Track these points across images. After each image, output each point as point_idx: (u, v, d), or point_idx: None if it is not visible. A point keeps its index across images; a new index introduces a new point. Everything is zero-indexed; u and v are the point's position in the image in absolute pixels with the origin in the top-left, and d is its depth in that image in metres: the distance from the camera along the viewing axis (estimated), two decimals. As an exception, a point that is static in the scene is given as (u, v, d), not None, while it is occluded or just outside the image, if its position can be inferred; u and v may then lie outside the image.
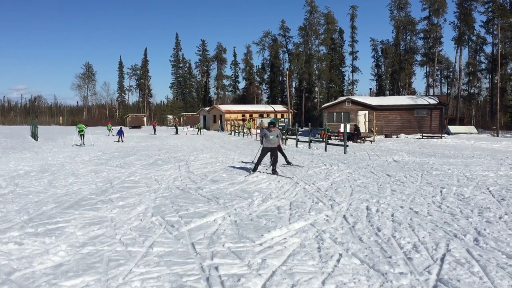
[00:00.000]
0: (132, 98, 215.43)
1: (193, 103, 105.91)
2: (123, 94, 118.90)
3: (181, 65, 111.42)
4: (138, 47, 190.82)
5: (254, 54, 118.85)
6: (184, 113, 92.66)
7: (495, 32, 59.95)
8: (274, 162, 14.00)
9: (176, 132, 53.67)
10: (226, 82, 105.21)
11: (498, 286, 4.49)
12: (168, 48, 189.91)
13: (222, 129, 62.27)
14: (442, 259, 5.38)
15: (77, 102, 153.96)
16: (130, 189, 11.17)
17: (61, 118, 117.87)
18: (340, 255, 5.57)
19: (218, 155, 21.77)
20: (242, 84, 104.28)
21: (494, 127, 50.05)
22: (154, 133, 53.48)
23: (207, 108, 75.55)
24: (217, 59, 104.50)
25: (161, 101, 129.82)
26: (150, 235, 6.59)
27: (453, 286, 4.49)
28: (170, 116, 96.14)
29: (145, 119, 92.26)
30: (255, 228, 6.95)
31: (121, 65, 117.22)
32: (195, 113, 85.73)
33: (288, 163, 16.56)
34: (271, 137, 13.96)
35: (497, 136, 44.85)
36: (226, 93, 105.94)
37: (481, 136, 43.62)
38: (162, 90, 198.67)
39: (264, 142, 14.07)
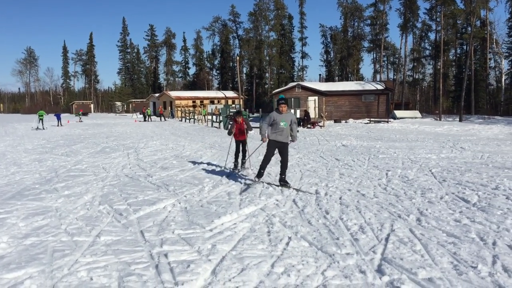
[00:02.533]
0: (78, 84, 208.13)
1: (142, 89, 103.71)
2: (68, 80, 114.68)
3: (129, 50, 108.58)
4: (83, 31, 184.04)
5: (204, 39, 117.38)
6: (133, 100, 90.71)
7: (438, 19, 62.04)
8: (283, 166, 9.22)
9: (145, 119, 52.03)
10: (176, 68, 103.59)
11: (438, 263, 4.69)
12: (115, 32, 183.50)
13: (173, 116, 61.48)
14: (387, 239, 5.56)
15: (19, 88, 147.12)
16: (76, 178, 10.84)
17: (1, 105, 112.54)
18: (289, 238, 5.65)
19: (169, 142, 21.49)
20: (192, 70, 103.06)
21: (437, 112, 52.00)
22: (164, 119, 52.07)
23: (156, 95, 74.25)
24: (166, 45, 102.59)
25: (108, 87, 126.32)
26: (97, 224, 6.44)
27: (396, 265, 4.65)
28: (119, 103, 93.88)
29: (92, 106, 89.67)
30: (206, 214, 6.93)
31: (65, 50, 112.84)
32: (145, 100, 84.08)
33: (242, 165, 12.19)
34: (282, 124, 9.00)
35: (440, 120, 46.63)
36: (176, 79, 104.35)
37: (425, 120, 45.22)
38: (109, 76, 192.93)
39: (271, 133, 9.18)
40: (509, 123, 38.79)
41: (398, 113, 48.74)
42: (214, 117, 39.32)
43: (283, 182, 9.15)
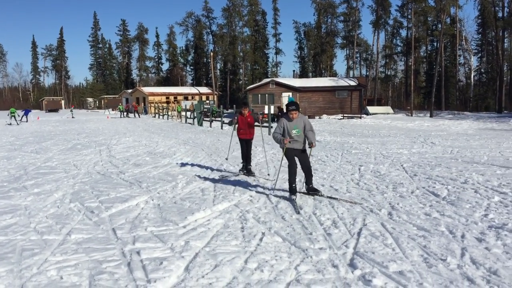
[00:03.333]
0: (48, 80, 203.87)
1: (114, 85, 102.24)
2: (37, 76, 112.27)
3: (100, 45, 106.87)
4: (53, 26, 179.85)
5: (177, 35, 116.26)
6: (105, 96, 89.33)
7: (409, 17, 62.90)
8: (306, 174, 7.90)
9: (133, 115, 51.01)
10: (149, 63, 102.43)
11: (409, 256, 4.77)
12: (86, 27, 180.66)
13: (146, 112, 60.84)
14: (359, 233, 5.63)
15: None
16: (47, 175, 10.62)
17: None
18: (263, 234, 5.65)
19: (142, 138, 21.27)
20: (165, 66, 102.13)
21: (409, 107, 52.89)
22: (138, 116, 50.99)
23: (129, 91, 73.32)
24: (139, 40, 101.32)
25: (80, 83, 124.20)
26: (68, 222, 6.32)
27: (368, 258, 4.71)
28: (90, 99, 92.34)
29: (62, 102, 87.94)
30: (179, 211, 6.88)
31: (34, 45, 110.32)
32: (117, 96, 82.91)
33: (249, 171, 10.49)
34: (294, 131, 7.63)
35: (411, 115, 47.42)
36: (149, 75, 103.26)
37: (397, 116, 45.92)
38: (80, 72, 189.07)
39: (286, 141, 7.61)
40: (478, 119, 39.72)
41: (370, 109, 49.38)
42: (189, 113, 39.06)
43: (313, 191, 7.94)
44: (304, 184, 7.99)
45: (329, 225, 6.04)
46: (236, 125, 10.60)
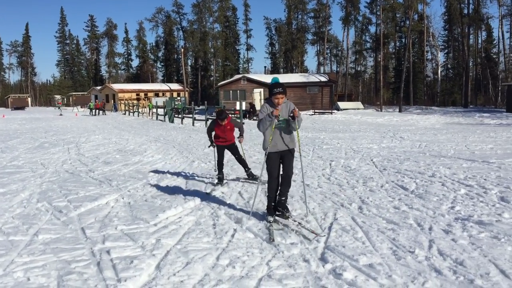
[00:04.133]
0: (14, 77, 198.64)
1: (83, 82, 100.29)
2: (2, 73, 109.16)
3: (68, 41, 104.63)
4: (18, 21, 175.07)
5: (147, 31, 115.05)
6: (74, 93, 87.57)
7: (378, 13, 63.79)
8: (285, 184, 6.14)
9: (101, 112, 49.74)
10: (118, 60, 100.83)
11: (379, 249, 4.85)
12: (53, 23, 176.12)
13: (116, 109, 59.97)
14: (330, 228, 5.68)
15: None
16: (12, 174, 10.35)
17: None
18: (235, 230, 5.65)
19: (111, 136, 20.96)
20: (135, 62, 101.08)
21: (378, 103, 53.67)
22: (103, 114, 49.63)
23: (98, 87, 72.09)
24: (108, 36, 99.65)
25: (47, 80, 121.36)
26: (35, 222, 6.17)
27: (339, 252, 4.76)
28: (58, 96, 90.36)
29: (29, 99, 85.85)
30: (150, 209, 6.81)
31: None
32: (86, 93, 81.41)
33: (251, 176, 9.13)
34: (278, 122, 5.90)
35: (381, 111, 48.14)
36: (119, 71, 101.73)
37: (367, 111, 46.53)
38: (47, 69, 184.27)
39: (268, 138, 5.91)
40: (445, 113, 40.60)
41: (341, 104, 49.87)
42: (160, 110, 38.69)
43: (282, 208, 6.09)
44: (277, 195, 6.14)
45: (300, 220, 6.08)
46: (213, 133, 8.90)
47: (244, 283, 4.04)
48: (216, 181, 8.88)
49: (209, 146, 9.22)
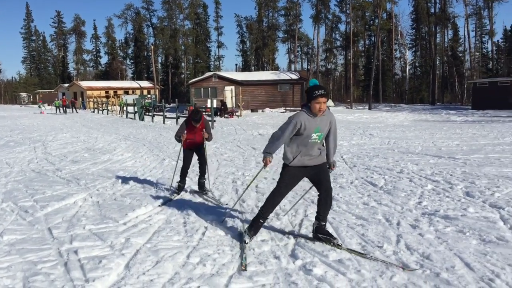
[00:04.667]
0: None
1: (49, 79, 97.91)
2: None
3: (34, 38, 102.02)
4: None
5: (116, 27, 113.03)
6: (40, 90, 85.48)
7: (347, 11, 64.49)
8: (325, 206, 5.11)
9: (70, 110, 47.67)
10: (86, 57, 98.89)
11: (348, 245, 4.91)
12: (18, 19, 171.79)
13: (84, 107, 58.90)
14: (300, 224, 5.73)
15: None
16: (-24, 174, 10.05)
17: None
18: (206, 228, 5.63)
19: (80, 134, 20.57)
20: (104, 59, 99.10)
21: (348, 100, 54.35)
22: (65, 112, 47.44)
23: (66, 85, 70.57)
24: (76, 32, 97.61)
25: (12, 77, 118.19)
26: (-1, 223, 6.01)
27: (309, 248, 4.80)
28: (24, 94, 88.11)
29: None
30: (119, 208, 6.71)
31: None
32: (53, 90, 79.57)
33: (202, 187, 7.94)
34: (315, 135, 4.84)
35: (351, 108, 48.76)
36: (87, 68, 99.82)
37: (337, 108, 47.01)
38: (13, 65, 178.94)
39: (294, 153, 4.90)
40: (413, 111, 41.41)
41: (312, 102, 50.09)
42: (130, 107, 38.16)
43: (327, 235, 5.01)
44: (315, 221, 5.12)
45: (271, 217, 6.09)
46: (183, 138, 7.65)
47: (214, 281, 4.03)
48: (174, 189, 7.85)
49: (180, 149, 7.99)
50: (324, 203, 5.05)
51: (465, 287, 3.80)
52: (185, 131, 7.58)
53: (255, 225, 5.14)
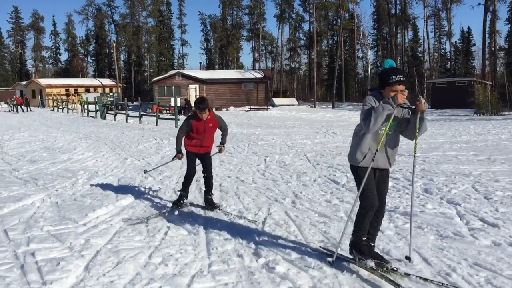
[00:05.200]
0: None
1: (6, 76, 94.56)
2: None
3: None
4: None
5: (76, 24, 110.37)
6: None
7: (311, 11, 65.10)
8: (375, 224, 4.30)
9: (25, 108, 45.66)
10: (45, 53, 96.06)
11: (311, 243, 4.95)
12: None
13: (43, 105, 57.29)
14: (264, 223, 5.74)
15: None
16: None
17: None
18: (168, 228, 5.56)
19: (38, 133, 19.99)
20: (64, 56, 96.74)
21: (312, 99, 54.89)
22: (23, 110, 45.05)
23: (24, 82, 68.39)
24: (34, 28, 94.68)
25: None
26: (-49, 226, 5.77)
27: (271, 247, 4.79)
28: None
29: None
30: (79, 208, 6.55)
31: None
32: (10, 88, 76.99)
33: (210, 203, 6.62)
34: (388, 124, 4.08)
35: (315, 107, 49.26)
36: (47, 65, 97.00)
37: (301, 107, 47.44)
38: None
39: (365, 148, 4.17)
40: (375, 110, 42.15)
41: (276, 100, 50.52)
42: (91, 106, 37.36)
43: (377, 259, 4.09)
44: (359, 238, 4.18)
45: (235, 216, 6.09)
46: (184, 135, 6.43)
47: (176, 281, 3.98)
48: (176, 200, 6.66)
49: (173, 158, 6.71)
50: (376, 219, 4.20)
51: (423, 281, 3.89)
52: (190, 132, 6.23)
53: (362, 247, 4.12)
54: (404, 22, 62.77)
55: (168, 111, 37.07)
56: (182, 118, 30.92)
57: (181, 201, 6.54)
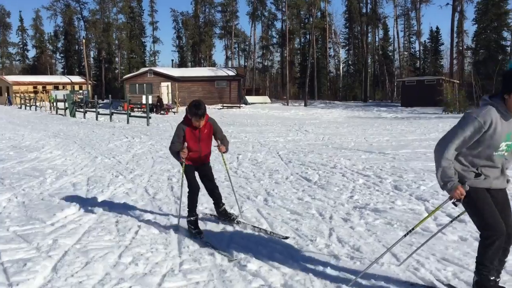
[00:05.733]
0: None
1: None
2: None
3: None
4: None
5: (44, 20, 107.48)
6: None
7: (283, 9, 65.29)
8: (503, 257, 3.47)
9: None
10: (12, 50, 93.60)
11: (282, 239, 4.97)
12: None
13: (10, 103, 55.84)
14: (236, 221, 5.72)
15: None
16: None
17: None
18: (139, 227, 5.50)
19: (5, 131, 19.48)
20: (32, 53, 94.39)
21: (285, 97, 55.09)
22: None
23: (-10, 79, 66.52)
24: (0, 24, 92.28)
25: None
26: None
27: (243, 244, 4.80)
28: None
29: None
30: (47, 208, 6.40)
31: None
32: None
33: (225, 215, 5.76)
34: (503, 146, 3.21)
35: (287, 105, 49.43)
36: (14, 62, 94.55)
37: (274, 105, 47.55)
38: None
39: (472, 170, 3.31)
40: (347, 107, 42.65)
41: (249, 98, 50.50)
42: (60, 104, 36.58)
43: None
44: (486, 274, 3.39)
45: (207, 214, 6.06)
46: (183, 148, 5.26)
47: (147, 280, 3.93)
48: (189, 228, 5.31)
49: (182, 163, 5.43)
50: (504, 250, 3.44)
51: (392, 276, 3.94)
52: (185, 141, 5.27)
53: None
54: (374, 21, 63.61)
55: (139, 109, 36.60)
56: (153, 115, 30.65)
57: (195, 227, 5.25)
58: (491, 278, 3.35)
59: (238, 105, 43.67)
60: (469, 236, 4.92)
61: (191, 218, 5.32)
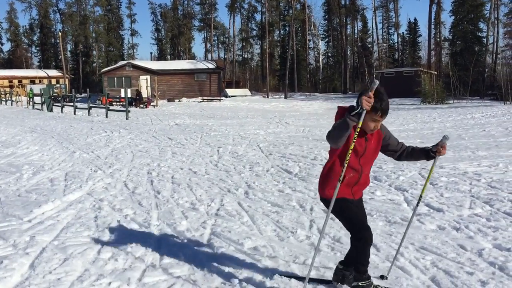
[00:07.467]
0: None
1: None
2: None
3: None
4: None
5: (19, 12, 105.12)
6: None
7: (263, 1, 65.12)
8: None
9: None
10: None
11: (263, 232, 4.97)
12: None
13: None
14: (217, 214, 5.71)
15: None
16: None
17: None
18: (118, 222, 5.43)
19: (-20, 127, 19.07)
20: (7, 46, 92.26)
21: (265, 89, 55.09)
22: None
23: (-37, 74, 64.98)
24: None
25: None
26: None
27: (224, 237, 4.79)
28: None
29: None
30: (23, 204, 6.29)
31: None
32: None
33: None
34: None
35: (268, 97, 49.46)
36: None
37: (254, 98, 47.53)
38: None
39: None
40: (327, 99, 42.86)
41: (229, 91, 50.37)
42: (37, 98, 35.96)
43: None
44: None
45: (187, 207, 6.03)
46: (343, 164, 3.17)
47: (127, 275, 3.88)
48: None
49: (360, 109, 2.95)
50: None
51: (372, 266, 3.97)
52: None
53: None
54: (353, 13, 63.92)
55: (118, 103, 36.20)
56: (133, 109, 30.33)
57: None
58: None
59: (218, 98, 43.52)
60: (447, 225, 4.99)
61: (365, 283, 3.43)
